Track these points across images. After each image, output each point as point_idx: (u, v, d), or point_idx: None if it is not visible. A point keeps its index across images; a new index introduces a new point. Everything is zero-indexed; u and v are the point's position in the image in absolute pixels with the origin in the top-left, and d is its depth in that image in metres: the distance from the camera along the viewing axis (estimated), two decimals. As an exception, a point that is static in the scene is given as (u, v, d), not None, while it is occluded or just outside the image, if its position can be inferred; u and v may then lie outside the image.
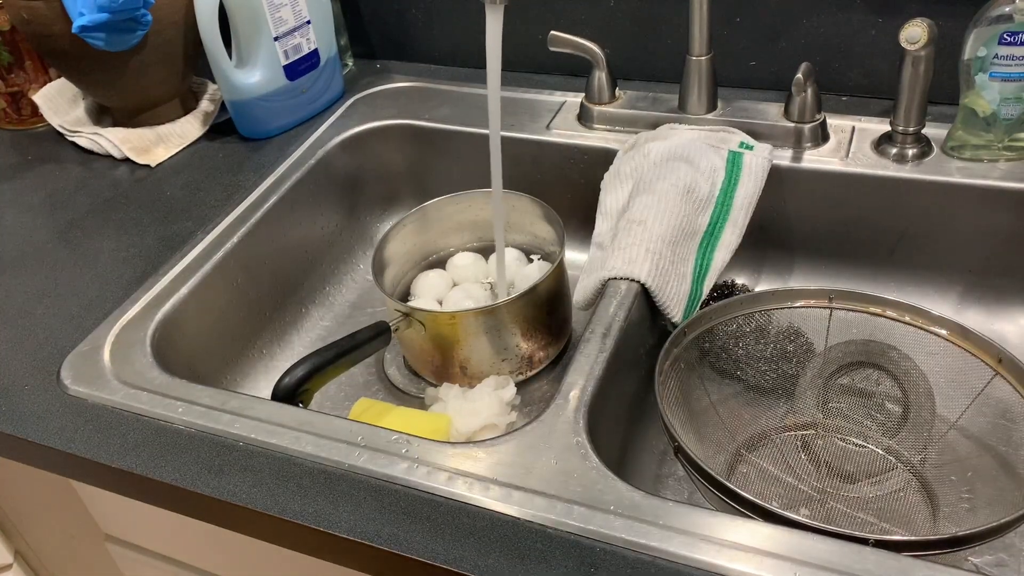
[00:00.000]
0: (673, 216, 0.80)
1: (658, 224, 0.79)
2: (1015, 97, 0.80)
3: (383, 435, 0.66)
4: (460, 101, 1.05)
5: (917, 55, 0.79)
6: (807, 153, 0.88)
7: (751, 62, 0.97)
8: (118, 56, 0.95)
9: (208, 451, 0.66)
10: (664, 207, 0.80)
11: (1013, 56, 0.78)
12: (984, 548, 0.67)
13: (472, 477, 0.61)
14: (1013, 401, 0.68)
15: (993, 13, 0.78)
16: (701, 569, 0.54)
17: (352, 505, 0.61)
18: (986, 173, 0.83)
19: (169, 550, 0.84)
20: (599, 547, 0.56)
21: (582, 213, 0.99)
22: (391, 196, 1.08)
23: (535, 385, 0.87)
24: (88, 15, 0.89)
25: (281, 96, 1.02)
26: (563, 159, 0.97)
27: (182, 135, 1.04)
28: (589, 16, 1.01)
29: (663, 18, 0.98)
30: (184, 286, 0.82)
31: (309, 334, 0.96)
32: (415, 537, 0.58)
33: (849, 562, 0.53)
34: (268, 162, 0.99)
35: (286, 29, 0.99)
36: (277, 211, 0.93)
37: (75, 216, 0.94)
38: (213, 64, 0.97)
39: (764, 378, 0.80)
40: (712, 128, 0.90)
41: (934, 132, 0.86)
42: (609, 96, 0.96)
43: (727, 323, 0.77)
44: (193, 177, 0.97)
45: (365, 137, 1.04)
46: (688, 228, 0.81)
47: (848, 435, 0.77)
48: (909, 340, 0.74)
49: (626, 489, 0.59)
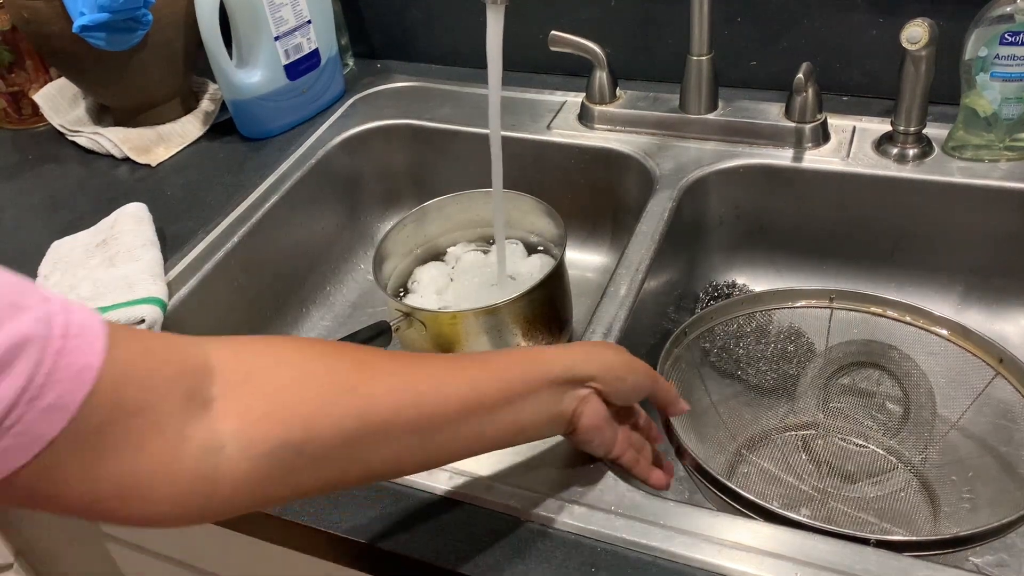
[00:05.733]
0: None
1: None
2: (1016, 97, 0.80)
3: (383, 435, 0.66)
4: (460, 101, 1.05)
5: (918, 55, 0.79)
6: (808, 153, 0.88)
7: (752, 62, 0.97)
8: (118, 56, 0.95)
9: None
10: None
11: (1014, 56, 0.78)
12: (985, 548, 0.67)
13: (473, 476, 0.61)
14: (1014, 401, 0.68)
15: (994, 13, 0.78)
16: (702, 569, 0.54)
17: (352, 505, 0.61)
18: (987, 173, 0.83)
19: (169, 550, 0.84)
20: (600, 547, 0.56)
21: (583, 213, 0.99)
22: (391, 196, 1.08)
23: (536, 385, 0.87)
24: (88, 14, 0.89)
25: (282, 96, 1.02)
26: (564, 159, 0.97)
27: (183, 135, 1.04)
28: (590, 16, 1.01)
29: (664, 18, 0.98)
30: (185, 286, 0.82)
31: (310, 334, 0.96)
32: (415, 537, 0.58)
33: (850, 562, 0.53)
34: (269, 162, 0.99)
35: (287, 29, 0.99)
36: (278, 211, 0.93)
37: (75, 216, 0.94)
38: (213, 64, 0.97)
39: (765, 378, 0.80)
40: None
41: (935, 132, 0.86)
42: (610, 96, 0.96)
43: (728, 323, 0.77)
44: (193, 177, 0.97)
45: (365, 137, 1.04)
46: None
47: (849, 435, 0.77)
48: (910, 340, 0.74)
49: (627, 489, 0.59)
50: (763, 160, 0.89)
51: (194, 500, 0.41)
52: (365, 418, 0.45)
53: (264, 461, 0.42)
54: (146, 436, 0.39)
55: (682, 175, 0.88)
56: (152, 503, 0.40)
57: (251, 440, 0.42)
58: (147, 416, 0.39)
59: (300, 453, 0.43)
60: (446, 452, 0.51)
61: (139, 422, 0.38)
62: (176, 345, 0.42)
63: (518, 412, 0.52)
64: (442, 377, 0.50)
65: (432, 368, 0.50)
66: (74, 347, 0.36)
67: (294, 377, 0.45)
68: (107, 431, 0.37)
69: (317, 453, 0.44)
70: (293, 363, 0.46)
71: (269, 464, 0.42)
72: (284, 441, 0.43)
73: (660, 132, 0.94)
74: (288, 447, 0.43)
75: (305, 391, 0.44)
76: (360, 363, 0.48)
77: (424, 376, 0.49)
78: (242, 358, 0.44)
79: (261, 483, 0.43)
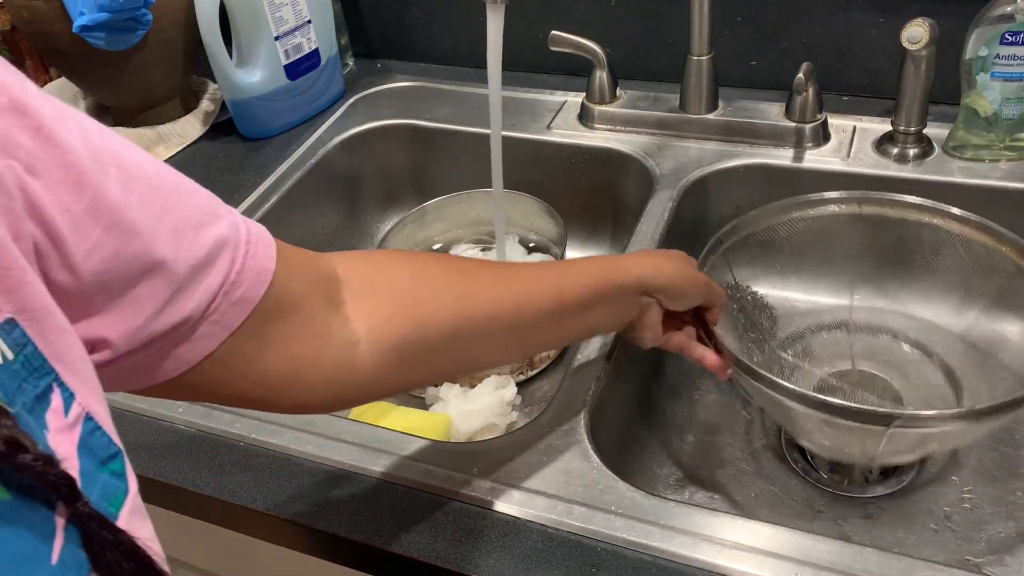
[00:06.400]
0: None
1: None
2: (1016, 97, 0.80)
3: (384, 435, 0.66)
4: (460, 101, 1.05)
5: (918, 55, 0.79)
6: (808, 153, 0.88)
7: (752, 62, 0.97)
8: (118, 55, 0.95)
9: (208, 451, 0.66)
10: None
11: (1014, 56, 0.78)
12: (985, 548, 0.67)
13: (473, 476, 0.61)
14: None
15: (994, 13, 0.77)
16: (702, 569, 0.54)
17: (352, 505, 0.61)
18: (987, 173, 0.83)
19: (169, 550, 0.83)
20: (600, 547, 0.56)
21: (583, 213, 0.99)
22: (391, 196, 1.08)
23: (536, 385, 0.87)
24: (88, 14, 0.89)
25: (282, 95, 1.02)
26: (564, 159, 0.97)
27: (182, 134, 1.04)
28: (590, 16, 1.01)
29: (664, 18, 0.98)
30: (184, 286, 0.82)
31: (309, 334, 0.96)
32: (416, 537, 0.58)
33: (850, 562, 0.53)
34: (268, 162, 0.99)
35: (287, 28, 0.99)
36: (278, 211, 0.93)
37: (75, 216, 0.94)
38: (214, 63, 0.97)
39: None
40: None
41: (935, 132, 0.86)
42: (610, 96, 0.96)
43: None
44: (193, 177, 0.96)
45: (365, 137, 1.04)
46: None
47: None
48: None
49: (627, 489, 0.59)
50: (763, 160, 0.89)
51: (338, 386, 0.48)
52: (468, 320, 0.53)
53: (390, 354, 0.49)
54: (301, 330, 0.45)
55: (682, 175, 0.88)
56: (305, 389, 0.46)
57: (380, 336, 0.49)
58: (301, 313, 0.45)
59: (416, 348, 0.50)
60: (533, 346, 0.66)
61: (295, 318, 0.44)
62: (314, 257, 0.48)
63: (593, 315, 0.60)
64: (533, 285, 0.57)
65: (524, 277, 0.57)
66: (254, 251, 0.42)
67: (410, 285, 0.52)
68: (274, 324, 0.43)
69: (428, 349, 0.51)
70: (408, 274, 0.53)
71: (394, 356, 0.49)
72: (404, 338, 0.50)
73: (660, 132, 0.94)
74: (407, 343, 0.50)
75: (419, 297, 0.51)
76: (464, 272, 0.56)
77: (518, 285, 0.56)
78: (365, 270, 0.51)
79: (387, 372, 0.49)
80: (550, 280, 0.58)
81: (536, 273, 0.58)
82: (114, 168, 0.35)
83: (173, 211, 0.38)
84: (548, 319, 0.57)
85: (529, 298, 0.56)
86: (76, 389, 0.31)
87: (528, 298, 0.56)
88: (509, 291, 0.55)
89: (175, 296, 0.38)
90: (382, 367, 0.49)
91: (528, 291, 0.56)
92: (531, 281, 0.57)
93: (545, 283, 0.57)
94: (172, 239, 0.37)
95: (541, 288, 0.56)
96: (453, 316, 0.52)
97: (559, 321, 0.58)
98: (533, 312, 0.56)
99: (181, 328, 0.39)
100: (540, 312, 0.56)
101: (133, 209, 0.35)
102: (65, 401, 0.30)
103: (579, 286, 0.58)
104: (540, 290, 0.56)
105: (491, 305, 0.54)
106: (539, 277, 0.58)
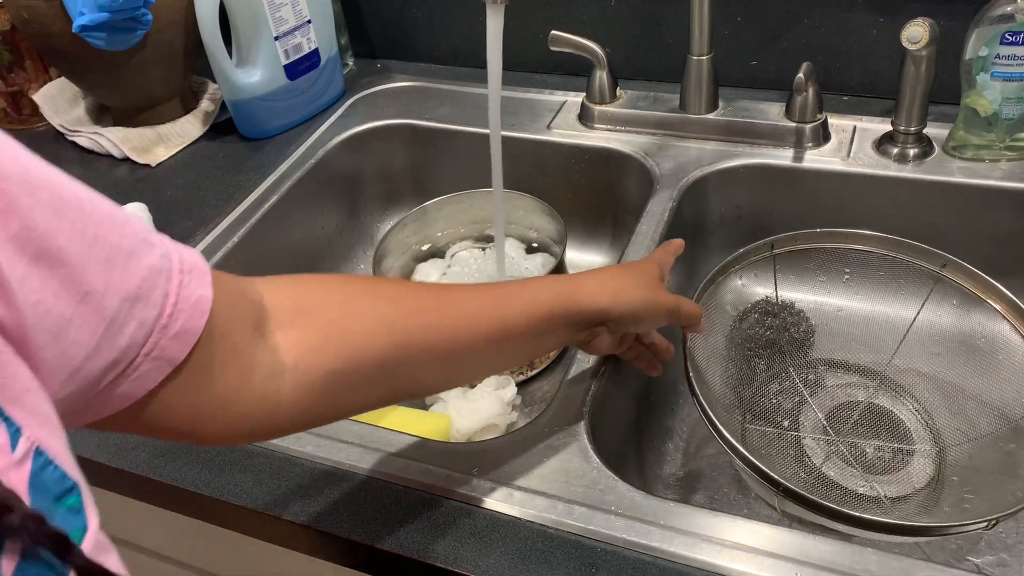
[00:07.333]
0: None
1: None
2: (1016, 97, 0.80)
3: (383, 435, 0.66)
4: (460, 101, 1.05)
5: (918, 55, 0.79)
6: (808, 153, 0.88)
7: (752, 62, 0.97)
8: (118, 55, 0.95)
9: (208, 451, 0.66)
10: None
11: (1015, 56, 0.78)
12: (986, 548, 0.67)
13: (473, 476, 0.61)
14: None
15: (995, 13, 0.77)
16: (702, 569, 0.54)
17: (352, 505, 0.61)
18: (987, 173, 0.83)
19: (169, 550, 0.84)
20: (600, 547, 0.56)
21: (583, 213, 0.99)
22: (391, 196, 1.08)
23: (535, 385, 0.87)
24: (88, 14, 0.89)
25: (281, 96, 1.02)
26: (564, 159, 0.97)
27: (182, 135, 1.04)
28: (590, 16, 1.01)
29: (664, 18, 0.98)
30: (184, 286, 0.82)
31: (309, 334, 0.96)
32: (415, 537, 0.58)
33: (850, 562, 0.53)
34: (268, 162, 0.99)
35: (286, 28, 0.99)
36: (278, 211, 0.93)
37: (75, 216, 0.94)
38: (213, 63, 0.97)
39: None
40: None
41: (935, 132, 0.86)
42: (610, 96, 0.96)
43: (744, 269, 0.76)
44: (193, 177, 0.97)
45: (365, 137, 1.04)
46: None
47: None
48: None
49: (627, 489, 0.59)
50: (763, 160, 0.89)
51: (257, 420, 0.46)
52: (400, 349, 0.51)
53: (317, 385, 0.47)
54: (228, 360, 0.43)
55: (682, 175, 0.88)
56: (226, 423, 0.45)
57: (307, 367, 0.47)
58: (228, 342, 0.43)
59: (344, 379, 0.49)
60: (470, 375, 0.63)
61: (222, 347, 0.43)
62: (240, 282, 0.47)
63: (539, 342, 0.59)
64: (473, 314, 0.54)
65: (464, 305, 0.55)
66: (188, 280, 0.40)
67: (338, 315, 0.50)
68: (203, 355, 0.41)
69: (359, 379, 0.50)
70: (336, 302, 0.51)
71: (322, 387, 0.48)
72: (331, 369, 0.48)
73: (660, 132, 0.94)
74: (334, 374, 0.48)
75: (348, 327, 0.49)
76: (397, 301, 0.53)
77: (457, 313, 0.54)
78: (292, 297, 0.49)
79: (313, 404, 0.48)
80: (493, 310, 0.55)
81: (478, 300, 0.56)
82: (46, 193, 0.33)
83: (106, 238, 0.36)
84: (488, 348, 0.55)
85: (466, 326, 0.53)
86: (23, 423, 0.29)
87: (465, 325, 0.53)
88: (444, 319, 0.53)
89: (108, 331, 0.36)
90: (308, 398, 0.47)
91: (466, 319, 0.54)
92: (470, 309, 0.55)
93: (487, 312, 0.55)
94: (102, 268, 0.35)
95: (482, 318, 0.54)
96: (383, 346, 0.50)
97: (501, 349, 0.56)
98: (469, 341, 0.54)
99: (119, 364, 0.37)
100: (479, 340, 0.54)
101: (63, 237, 0.34)
102: (12, 436, 0.29)
103: (526, 314, 0.56)
104: (480, 320, 0.54)
105: (425, 334, 0.52)
106: (481, 304, 0.55)
